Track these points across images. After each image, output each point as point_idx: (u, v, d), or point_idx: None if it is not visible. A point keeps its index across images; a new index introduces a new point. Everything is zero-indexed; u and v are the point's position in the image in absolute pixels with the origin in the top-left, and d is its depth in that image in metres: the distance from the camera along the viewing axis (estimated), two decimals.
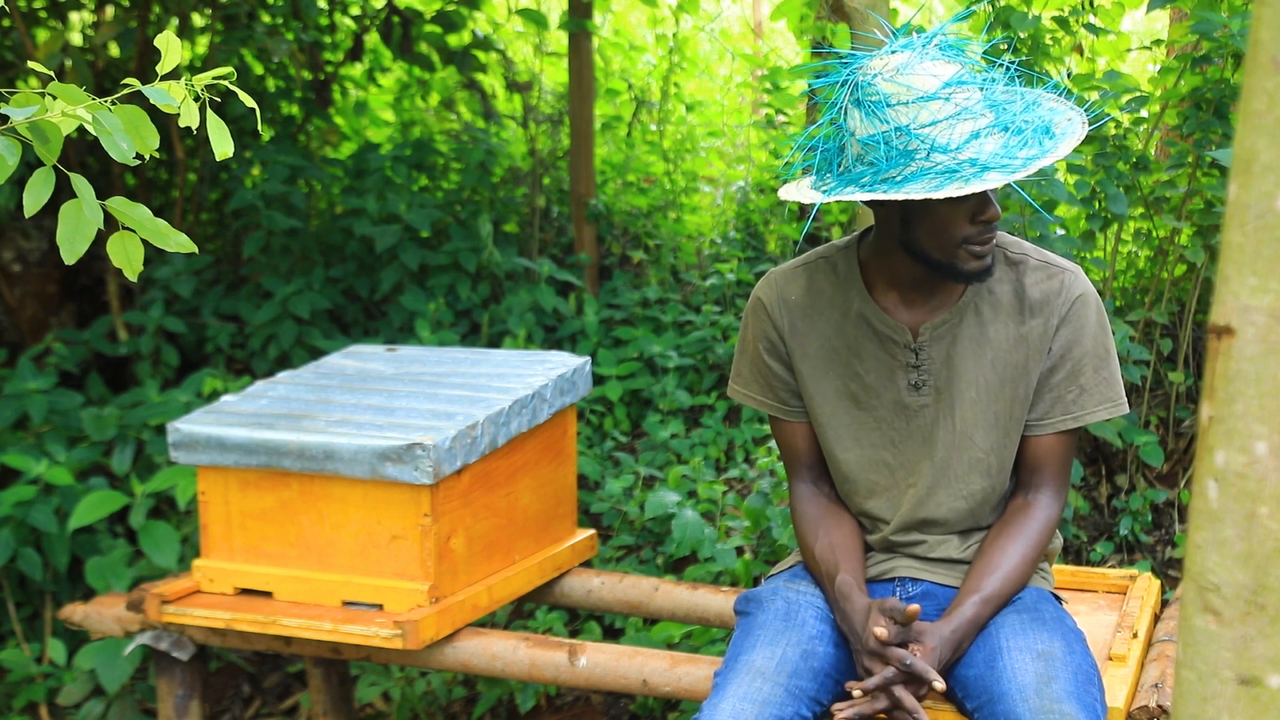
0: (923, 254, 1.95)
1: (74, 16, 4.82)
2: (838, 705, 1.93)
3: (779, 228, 4.41)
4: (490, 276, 4.36)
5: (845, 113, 1.88)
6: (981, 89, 1.86)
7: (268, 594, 2.65)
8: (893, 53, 1.88)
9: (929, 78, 1.83)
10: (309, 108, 4.89)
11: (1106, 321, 2.05)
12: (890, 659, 1.90)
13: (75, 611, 2.90)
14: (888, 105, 1.83)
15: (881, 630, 1.89)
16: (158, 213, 2.23)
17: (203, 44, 4.95)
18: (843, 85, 1.89)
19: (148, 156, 1.58)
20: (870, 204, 1.96)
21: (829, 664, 2.00)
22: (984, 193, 1.89)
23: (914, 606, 1.90)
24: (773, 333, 2.12)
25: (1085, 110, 1.94)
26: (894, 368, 2.06)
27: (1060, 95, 1.99)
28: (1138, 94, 3.15)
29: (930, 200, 1.86)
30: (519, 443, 2.75)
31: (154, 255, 4.21)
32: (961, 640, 1.96)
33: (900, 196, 1.79)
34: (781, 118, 4.28)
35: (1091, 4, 3.22)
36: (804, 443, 2.17)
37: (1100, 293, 3.33)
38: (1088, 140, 3.16)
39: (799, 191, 1.94)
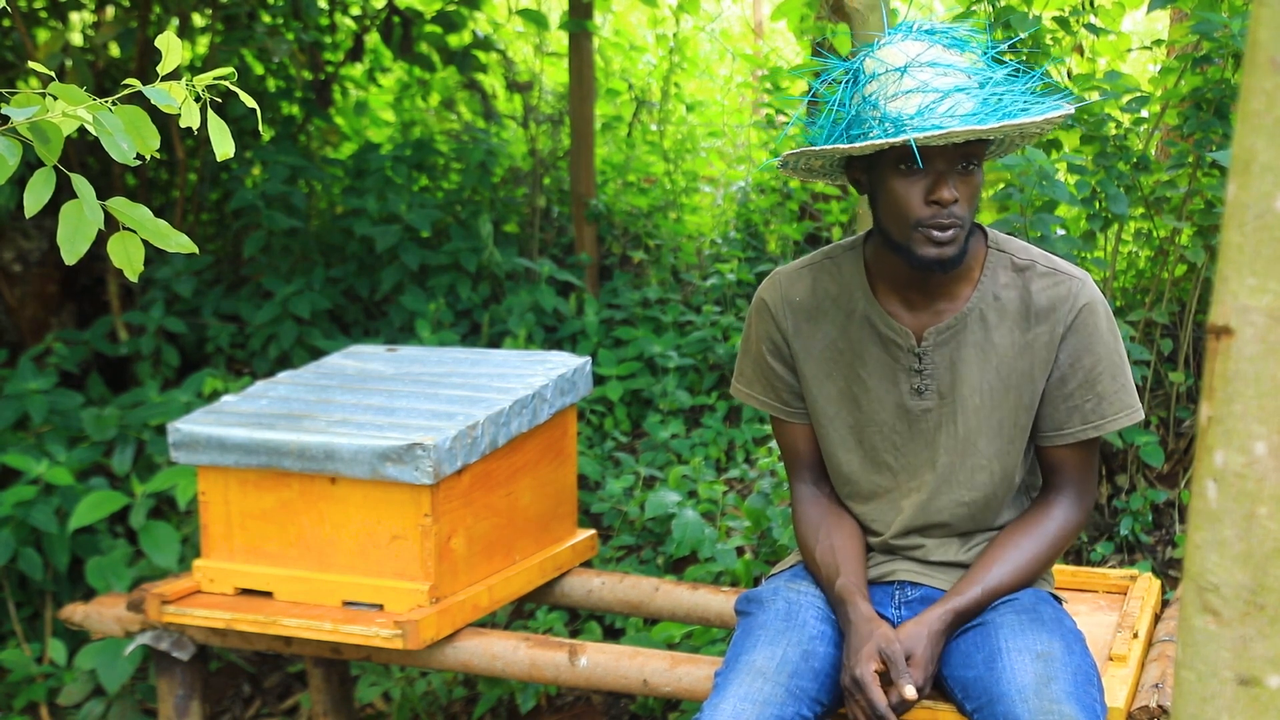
0: (888, 238, 1.96)
1: (74, 16, 4.82)
2: None
3: (779, 228, 4.41)
4: (490, 276, 4.36)
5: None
6: (970, 75, 1.87)
7: (268, 594, 2.65)
8: (894, 33, 1.94)
9: (900, 55, 1.88)
10: (309, 108, 4.89)
11: (1116, 328, 2.04)
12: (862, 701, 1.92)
13: (75, 611, 2.90)
14: (864, 80, 1.89)
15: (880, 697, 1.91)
16: (158, 213, 2.23)
17: (203, 44, 4.95)
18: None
19: (148, 157, 1.58)
20: (856, 190, 2.02)
21: (830, 664, 2.00)
22: (939, 173, 1.88)
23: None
24: (776, 334, 2.12)
25: (1084, 112, 1.94)
26: (896, 371, 2.05)
27: (1063, 96, 1.99)
28: (1138, 94, 3.15)
29: (887, 177, 1.90)
30: (519, 443, 2.74)
31: (154, 255, 4.21)
32: (952, 624, 1.97)
33: (816, 150, 1.88)
34: (781, 118, 4.28)
35: (1092, 4, 3.21)
36: (805, 444, 2.17)
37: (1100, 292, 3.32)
38: (1088, 140, 3.15)
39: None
